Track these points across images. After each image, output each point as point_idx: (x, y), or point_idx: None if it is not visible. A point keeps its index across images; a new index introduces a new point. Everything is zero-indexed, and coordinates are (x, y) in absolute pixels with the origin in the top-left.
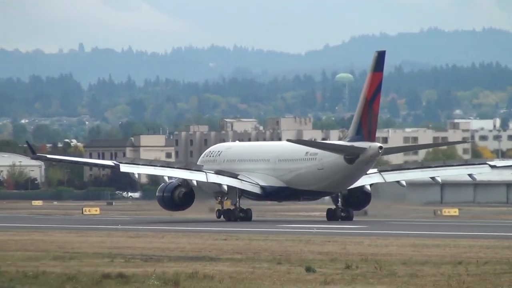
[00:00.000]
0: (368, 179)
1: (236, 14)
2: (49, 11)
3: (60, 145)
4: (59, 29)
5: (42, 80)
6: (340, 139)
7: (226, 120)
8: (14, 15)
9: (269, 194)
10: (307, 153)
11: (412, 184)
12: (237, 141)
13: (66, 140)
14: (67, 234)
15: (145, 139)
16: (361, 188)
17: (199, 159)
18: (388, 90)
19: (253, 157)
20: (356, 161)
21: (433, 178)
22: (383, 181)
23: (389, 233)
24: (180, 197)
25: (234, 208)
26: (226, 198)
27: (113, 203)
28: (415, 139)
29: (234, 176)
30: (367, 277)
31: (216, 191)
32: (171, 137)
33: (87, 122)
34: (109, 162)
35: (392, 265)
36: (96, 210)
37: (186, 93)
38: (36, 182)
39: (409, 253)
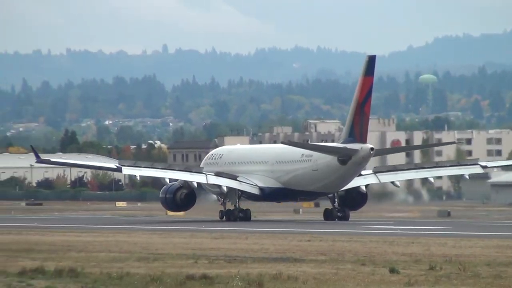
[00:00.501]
0: (363, 180)
1: (319, 15)
2: (133, 12)
3: (144, 146)
4: (143, 31)
5: (126, 81)
6: (424, 140)
7: (310, 121)
8: (99, 17)
9: (267, 195)
10: (302, 155)
11: (496, 185)
12: (238, 144)
13: (150, 141)
14: (151, 236)
15: (228, 140)
16: (357, 188)
17: (202, 161)
18: (472, 91)
19: (252, 160)
20: (348, 162)
21: (426, 178)
22: (378, 182)
23: (472, 234)
24: (182, 198)
25: (234, 209)
26: (228, 199)
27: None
28: (499, 140)
29: (233, 177)
30: (451, 278)
31: (218, 192)
32: (255, 138)
33: (171, 124)
34: (112, 165)
35: (476, 266)
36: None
37: (269, 94)
38: (120, 183)
39: (493, 254)
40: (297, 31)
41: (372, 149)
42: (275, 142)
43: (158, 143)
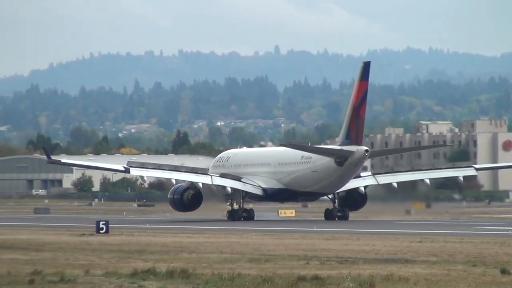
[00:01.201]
0: (362, 181)
1: (431, 16)
2: (245, 14)
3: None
4: (255, 32)
5: (238, 83)
6: None
7: (421, 122)
8: (210, 18)
9: (270, 195)
10: (302, 157)
11: None
12: (244, 148)
13: (262, 142)
14: (262, 237)
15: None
16: (357, 189)
17: (211, 164)
18: None
19: (256, 162)
20: (345, 163)
21: (422, 180)
22: (376, 183)
23: None
24: (189, 199)
25: (238, 209)
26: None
27: (308, 206)
28: None
29: (238, 179)
30: None
31: (225, 193)
32: (366, 139)
33: (282, 125)
34: (120, 167)
35: None
36: (291, 213)
37: (381, 95)
38: None
39: None
40: (409, 32)
41: (367, 151)
42: (386, 144)
43: (270, 144)
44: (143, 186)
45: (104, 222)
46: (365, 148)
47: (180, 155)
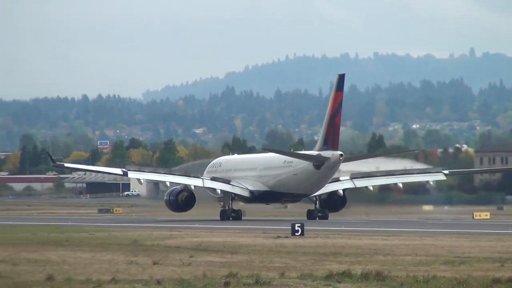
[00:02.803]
0: (341, 185)
1: None
2: (439, 16)
3: (450, 150)
4: (450, 35)
5: (433, 85)
6: None
7: None
8: (404, 21)
9: (256, 197)
10: (284, 161)
11: None
12: (235, 154)
13: (457, 145)
14: (457, 239)
15: None
16: (336, 192)
17: (206, 169)
18: None
19: (244, 167)
20: (322, 167)
21: (395, 184)
22: (354, 186)
23: None
24: (183, 200)
25: (227, 209)
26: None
27: (504, 208)
28: None
29: (227, 182)
30: None
31: (218, 196)
32: None
33: (477, 127)
34: (118, 170)
35: None
36: (486, 215)
37: None
38: (426, 187)
39: None
40: None
41: (341, 155)
42: None
43: (465, 146)
44: None
45: (299, 225)
46: (340, 153)
47: (375, 158)
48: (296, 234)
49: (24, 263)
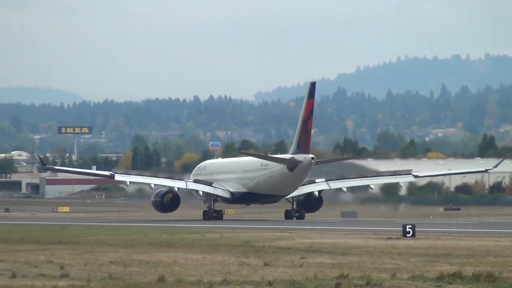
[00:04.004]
0: (316, 186)
1: None
2: None
3: None
4: None
5: None
6: None
7: None
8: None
9: (236, 198)
10: (262, 164)
11: None
12: (219, 158)
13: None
14: None
15: None
16: (312, 193)
17: (192, 173)
18: None
19: (226, 170)
20: (295, 169)
21: (368, 185)
22: (328, 188)
23: None
24: (168, 201)
25: (209, 210)
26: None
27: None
28: None
29: (209, 184)
30: None
31: (202, 197)
32: None
33: None
34: (106, 172)
35: None
36: None
37: None
38: None
39: None
40: None
41: (312, 158)
42: None
43: None
44: (449, 190)
45: (410, 226)
46: (311, 156)
47: (486, 159)
48: (407, 235)
49: (136, 264)
